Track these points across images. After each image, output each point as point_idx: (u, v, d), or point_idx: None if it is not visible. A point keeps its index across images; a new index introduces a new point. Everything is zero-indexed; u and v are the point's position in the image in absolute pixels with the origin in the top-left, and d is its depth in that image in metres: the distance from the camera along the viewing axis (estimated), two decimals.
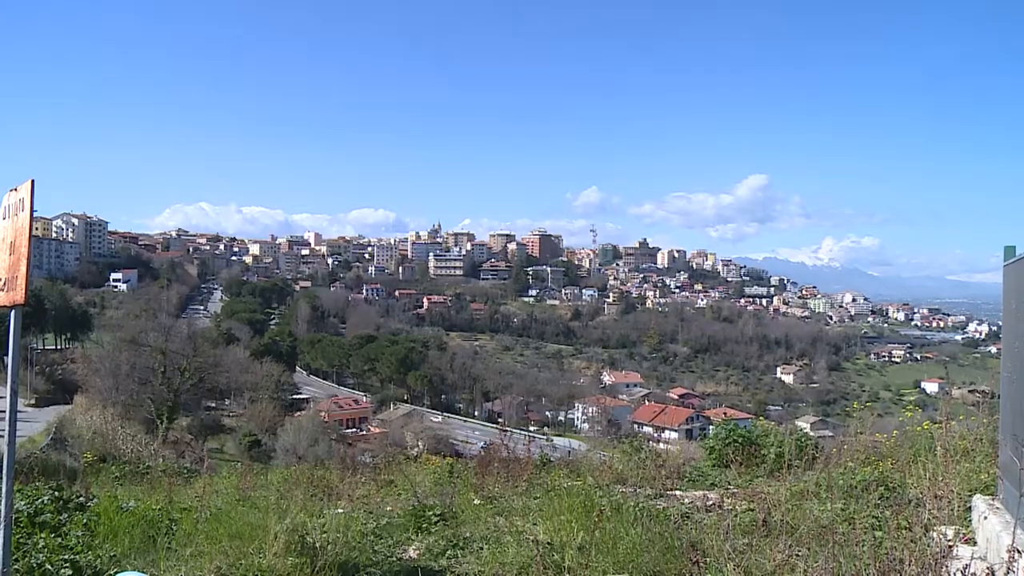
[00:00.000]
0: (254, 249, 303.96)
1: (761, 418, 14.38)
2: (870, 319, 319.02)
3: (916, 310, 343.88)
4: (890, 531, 5.90)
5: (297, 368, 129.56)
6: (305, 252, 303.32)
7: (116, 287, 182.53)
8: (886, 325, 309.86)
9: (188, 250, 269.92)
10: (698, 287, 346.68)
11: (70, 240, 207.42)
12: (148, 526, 7.69)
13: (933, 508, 6.05)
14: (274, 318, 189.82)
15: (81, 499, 9.28)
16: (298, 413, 70.45)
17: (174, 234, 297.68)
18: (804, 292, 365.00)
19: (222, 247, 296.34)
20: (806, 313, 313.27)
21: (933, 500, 6.25)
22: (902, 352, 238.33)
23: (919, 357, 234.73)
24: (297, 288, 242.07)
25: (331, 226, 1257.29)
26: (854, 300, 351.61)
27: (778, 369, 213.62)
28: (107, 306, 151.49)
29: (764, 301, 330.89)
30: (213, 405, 75.81)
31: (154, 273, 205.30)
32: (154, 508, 8.53)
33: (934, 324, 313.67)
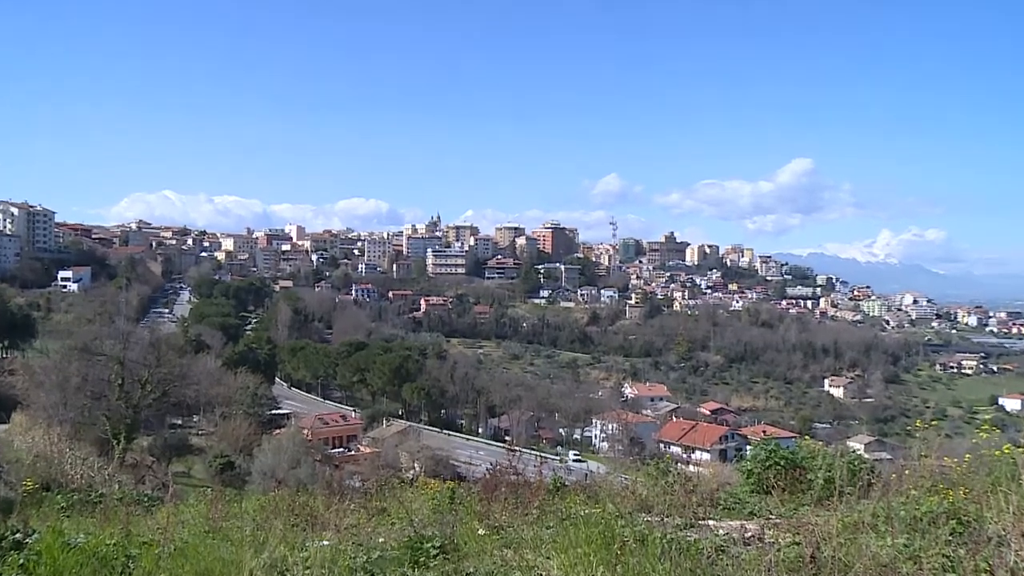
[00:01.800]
0: (227, 244, 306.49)
1: (807, 437, 14.26)
2: (935, 324, 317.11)
3: (991, 314, 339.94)
4: (966, 574, 5.77)
5: (276, 380, 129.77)
6: (286, 247, 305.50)
7: (65, 287, 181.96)
8: (954, 331, 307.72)
9: (151, 245, 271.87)
10: (733, 287, 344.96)
11: (8, 233, 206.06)
12: (100, 564, 7.42)
13: (1020, 548, 5.89)
14: (250, 322, 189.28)
15: (18, 535, 8.82)
16: (277, 431, 70.64)
17: (134, 226, 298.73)
18: (856, 293, 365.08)
19: (190, 242, 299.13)
20: (858, 317, 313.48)
21: (1019, 539, 6.09)
22: (974, 363, 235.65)
23: (995, 369, 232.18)
24: (277, 288, 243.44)
25: (315, 218, 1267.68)
26: (915, 302, 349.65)
27: (826, 381, 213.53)
28: (54, 309, 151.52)
29: (809, 303, 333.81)
30: (179, 423, 75.96)
31: (110, 271, 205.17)
32: (108, 543, 8.25)
33: (1013, 330, 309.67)
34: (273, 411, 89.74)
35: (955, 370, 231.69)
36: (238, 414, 69.17)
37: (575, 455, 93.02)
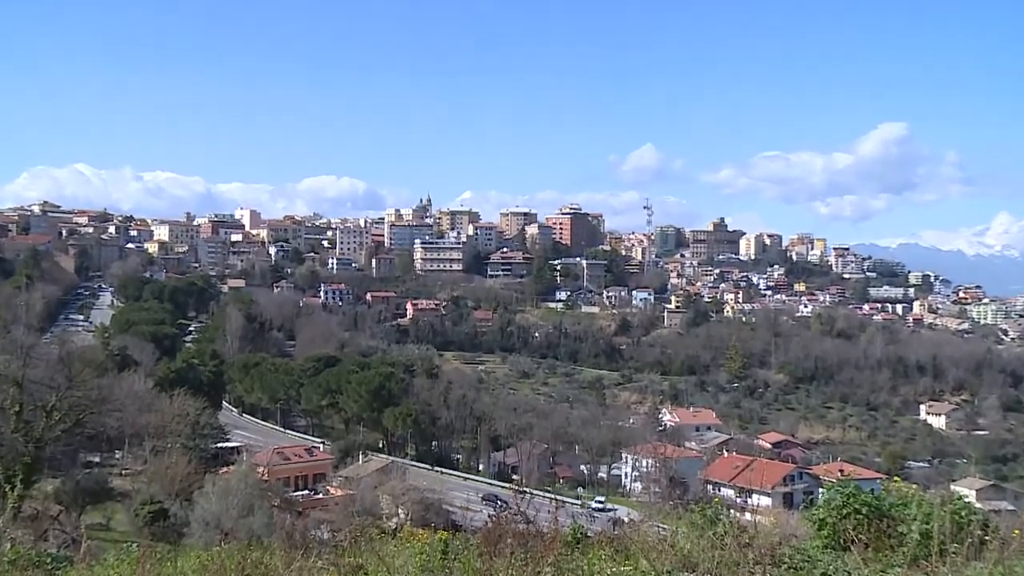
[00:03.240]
0: (161, 233, 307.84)
1: (897, 479, 14.10)
2: None
3: None
4: None
5: (224, 404, 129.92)
6: (237, 237, 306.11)
7: None
8: None
9: (60, 234, 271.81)
10: (800, 287, 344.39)
11: None
12: None
13: None
14: (191, 332, 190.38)
15: None
16: (225, 469, 70.62)
17: (36, 209, 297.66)
18: (962, 294, 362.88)
19: (112, 230, 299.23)
20: (965, 325, 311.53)
21: None
22: None
23: None
24: (225, 289, 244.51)
25: (274, 201, 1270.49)
26: None
27: (922, 408, 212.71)
28: None
29: (899, 308, 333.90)
30: (97, 460, 76.15)
31: (6, 266, 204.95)
32: None
33: None
34: (219, 444, 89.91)
35: None
36: (174, 448, 69.23)
37: (600, 499, 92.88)
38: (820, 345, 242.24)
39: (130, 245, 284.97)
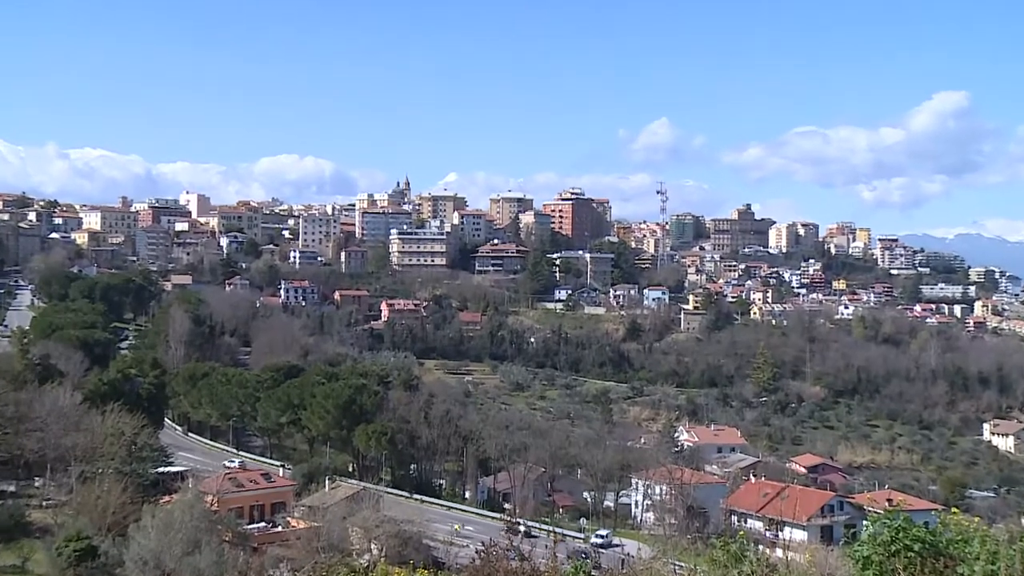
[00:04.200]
0: (91, 220, 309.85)
1: (956, 511, 13.95)
2: None
3: None
4: None
5: (167, 422, 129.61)
6: (182, 226, 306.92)
7: None
8: None
9: None
10: (839, 285, 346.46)
11: None
12: None
13: None
14: (128, 337, 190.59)
15: None
16: (167, 498, 70.35)
17: None
18: None
19: (32, 216, 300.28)
20: None
21: None
22: None
23: None
24: (168, 287, 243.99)
25: (226, 183, 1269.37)
26: None
27: (985, 427, 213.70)
28: None
29: (957, 309, 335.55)
30: (12, 489, 75.85)
31: None
32: None
33: None
34: (161, 469, 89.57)
35: None
36: (106, 474, 68.94)
37: (604, 532, 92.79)
38: (863, 353, 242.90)
39: (54, 235, 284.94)
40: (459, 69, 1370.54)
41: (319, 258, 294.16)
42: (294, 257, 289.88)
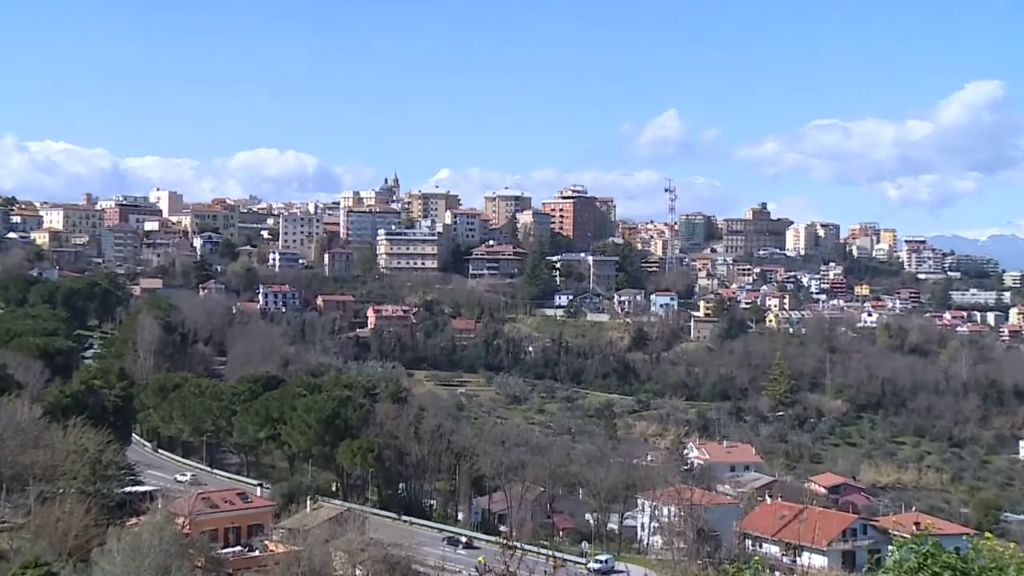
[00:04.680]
0: (53, 219, 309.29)
1: (990, 536, 13.87)
2: None
3: None
4: None
5: (135, 437, 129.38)
6: (152, 226, 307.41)
7: None
8: None
9: None
10: (862, 290, 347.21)
11: None
12: None
13: None
14: (92, 346, 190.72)
15: None
16: (134, 520, 70.30)
17: None
18: None
19: None
20: None
21: None
22: None
23: None
24: (137, 291, 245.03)
25: (199, 179, 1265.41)
26: None
27: (1021, 444, 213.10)
28: None
29: (991, 316, 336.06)
30: None
31: None
32: None
33: None
34: (129, 488, 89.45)
35: None
36: (68, 494, 68.81)
37: (606, 556, 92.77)
38: (888, 364, 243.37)
39: (12, 234, 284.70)
40: (452, 57, 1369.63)
41: (300, 260, 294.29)
42: (273, 259, 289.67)
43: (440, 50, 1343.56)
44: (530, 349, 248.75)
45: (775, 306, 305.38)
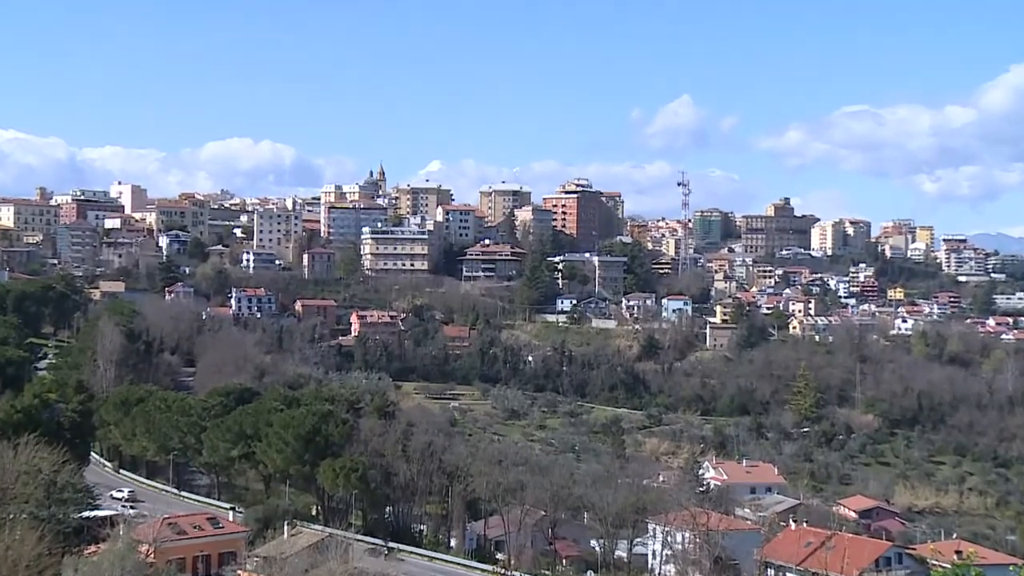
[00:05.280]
0: (2, 216, 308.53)
1: None
2: None
3: None
4: None
5: (94, 456, 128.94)
6: (113, 223, 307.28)
7: None
8: None
9: None
10: (896, 294, 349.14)
11: None
12: None
13: None
14: (46, 356, 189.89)
15: None
16: (93, 548, 70.10)
17: None
18: None
19: None
20: None
21: None
22: None
23: None
24: (97, 295, 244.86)
25: (165, 172, 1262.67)
26: None
27: None
28: None
29: None
30: None
31: None
32: None
33: None
34: (87, 513, 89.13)
35: None
36: (19, 520, 68.60)
37: None
38: (925, 375, 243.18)
39: None
40: (443, 38, 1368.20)
41: (277, 261, 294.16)
42: (247, 260, 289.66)
43: (430, 30, 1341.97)
44: (530, 359, 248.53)
45: (799, 311, 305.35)
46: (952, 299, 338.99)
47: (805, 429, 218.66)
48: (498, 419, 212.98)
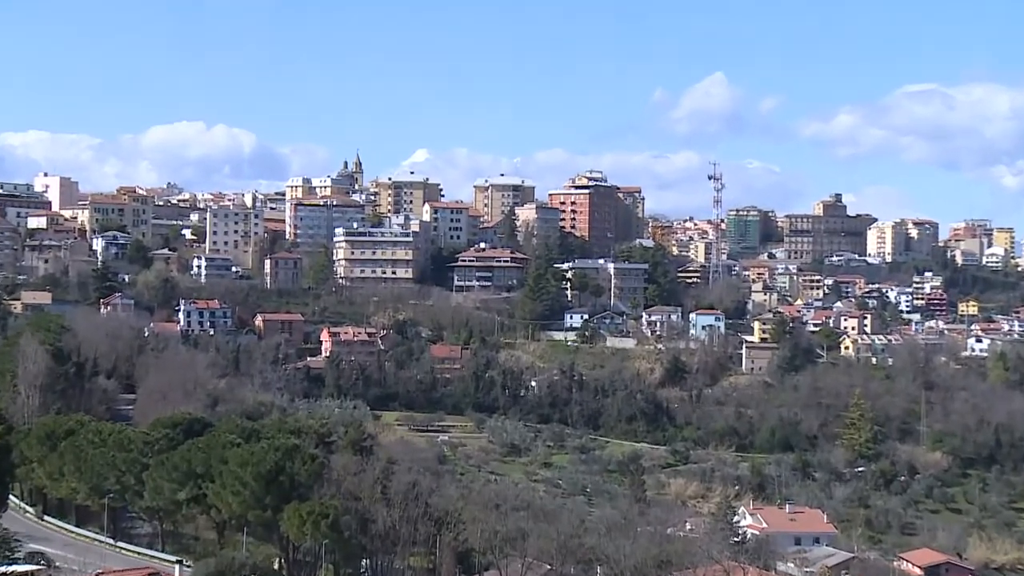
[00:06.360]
0: None
1: None
2: None
3: None
4: None
5: (13, 500, 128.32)
6: (38, 223, 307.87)
7: None
8: None
9: None
10: (968, 308, 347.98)
11: None
12: None
13: None
14: None
15: None
16: None
17: None
18: None
19: None
20: None
21: None
22: None
23: None
24: (16, 307, 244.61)
25: (101, 162, 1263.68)
26: None
27: None
28: None
29: None
30: None
31: None
32: None
33: None
34: (4, 568, 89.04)
35: None
36: None
37: None
38: (1004, 405, 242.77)
39: None
40: (430, 6, 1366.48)
41: (234, 268, 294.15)
42: (199, 267, 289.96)
43: (418, 4, 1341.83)
44: (533, 384, 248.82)
45: (853, 329, 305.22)
46: None
47: (860, 469, 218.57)
48: (495, 455, 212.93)
